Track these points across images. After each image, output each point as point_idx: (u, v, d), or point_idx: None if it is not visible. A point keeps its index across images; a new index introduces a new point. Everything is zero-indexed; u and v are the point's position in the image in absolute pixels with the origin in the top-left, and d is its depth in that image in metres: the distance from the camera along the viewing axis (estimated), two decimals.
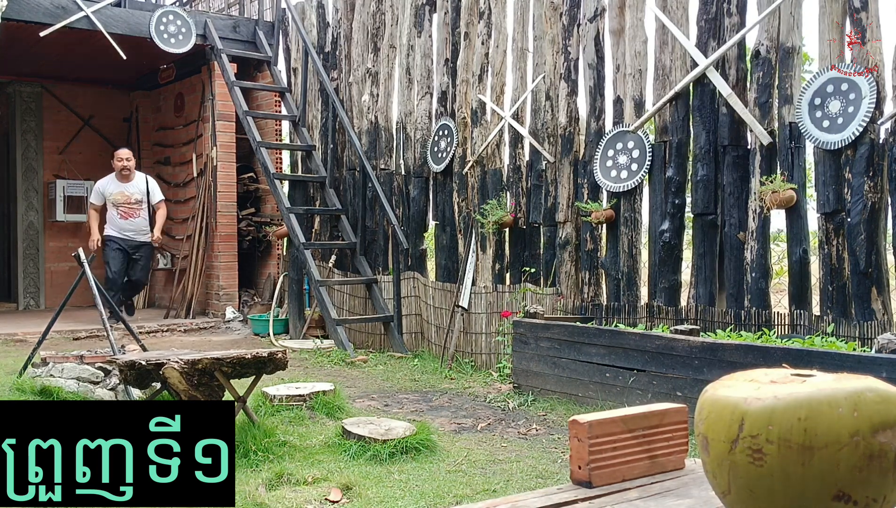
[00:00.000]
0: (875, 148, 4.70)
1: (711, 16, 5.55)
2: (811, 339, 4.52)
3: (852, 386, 0.92)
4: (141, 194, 8.72)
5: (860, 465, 0.89)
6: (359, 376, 6.49)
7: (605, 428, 1.21)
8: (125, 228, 8.66)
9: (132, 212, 8.68)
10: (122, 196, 8.64)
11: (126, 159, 8.68)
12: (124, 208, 8.65)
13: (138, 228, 8.72)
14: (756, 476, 0.92)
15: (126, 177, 8.68)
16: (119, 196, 8.64)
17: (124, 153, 8.75)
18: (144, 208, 8.77)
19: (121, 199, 8.64)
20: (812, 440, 0.89)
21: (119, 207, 8.64)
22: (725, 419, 0.95)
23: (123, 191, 8.64)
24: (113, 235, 8.62)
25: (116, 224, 8.65)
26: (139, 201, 8.70)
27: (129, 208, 8.67)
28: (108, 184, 8.68)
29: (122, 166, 8.63)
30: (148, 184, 8.85)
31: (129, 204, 8.65)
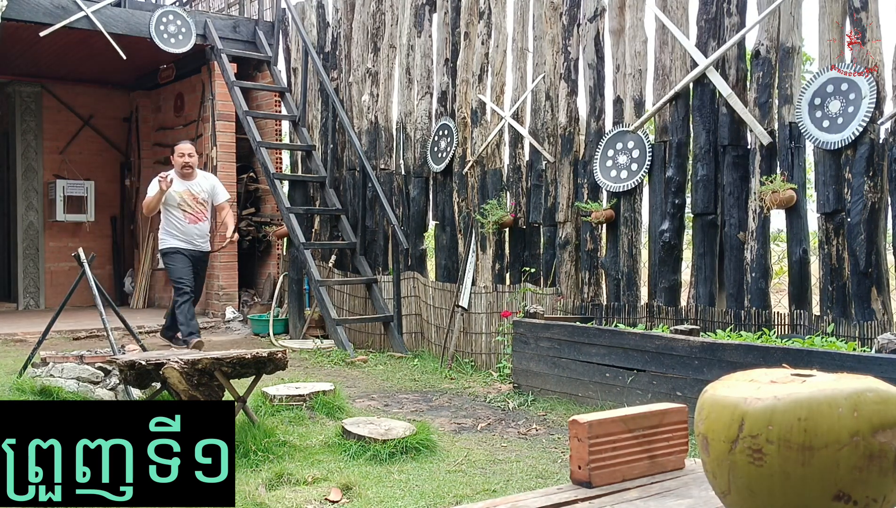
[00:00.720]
0: (875, 148, 4.70)
1: (711, 16, 5.55)
2: (811, 339, 4.52)
3: (852, 386, 0.92)
4: (207, 194, 7.34)
5: (860, 465, 0.89)
6: (359, 376, 6.49)
7: (605, 428, 1.21)
8: (192, 234, 7.20)
9: (199, 214, 7.26)
10: (189, 195, 7.19)
11: (188, 155, 7.22)
12: (191, 210, 7.20)
13: (204, 233, 7.35)
14: (756, 476, 0.92)
15: (189, 175, 7.25)
16: (186, 194, 7.17)
17: (187, 147, 7.29)
18: (209, 211, 7.43)
19: (188, 198, 7.20)
20: (812, 441, 0.89)
21: (185, 208, 7.17)
22: (725, 419, 0.95)
23: (190, 189, 7.19)
24: (178, 246, 7.13)
25: (182, 229, 7.14)
26: (205, 201, 7.34)
27: (197, 210, 7.26)
28: (173, 178, 7.16)
29: (185, 163, 7.19)
30: (212, 181, 7.56)
31: (196, 203, 7.25)
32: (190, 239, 7.16)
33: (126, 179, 11.68)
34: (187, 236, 7.14)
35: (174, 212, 7.10)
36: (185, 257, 7.11)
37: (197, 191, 7.22)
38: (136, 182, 11.50)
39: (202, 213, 7.26)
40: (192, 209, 7.19)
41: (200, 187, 7.28)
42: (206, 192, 7.31)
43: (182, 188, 7.15)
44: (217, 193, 7.41)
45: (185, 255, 7.12)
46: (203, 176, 7.43)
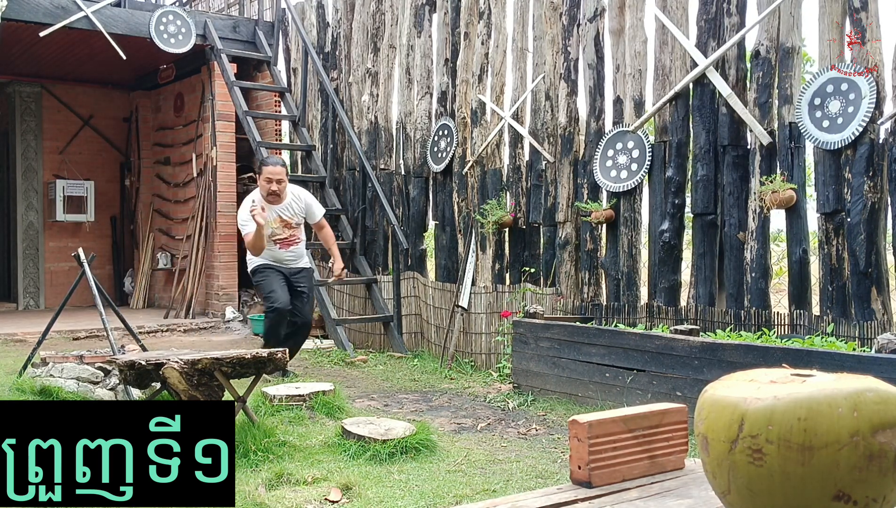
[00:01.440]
0: (875, 148, 4.70)
1: (711, 16, 5.55)
2: (811, 339, 4.52)
3: (852, 386, 0.92)
4: (300, 215, 6.15)
5: (860, 465, 0.89)
6: (359, 376, 6.49)
7: (605, 428, 1.21)
8: (285, 258, 6.11)
9: (293, 239, 6.10)
10: (280, 222, 6.02)
11: (277, 182, 5.89)
12: (283, 236, 6.07)
13: (299, 254, 6.21)
14: (756, 476, 0.92)
15: (277, 198, 5.99)
16: (276, 223, 6.01)
17: (278, 171, 5.92)
18: (303, 229, 6.29)
19: (278, 226, 6.05)
20: (812, 440, 0.89)
21: (277, 237, 6.03)
22: (725, 419, 0.95)
23: (280, 215, 6.00)
24: (269, 262, 6.05)
25: (274, 256, 6.06)
26: (299, 224, 6.16)
27: (291, 235, 6.10)
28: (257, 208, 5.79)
29: (271, 191, 5.90)
30: (305, 199, 6.28)
31: (290, 229, 6.08)
32: (282, 263, 6.06)
33: (126, 179, 11.68)
34: (279, 261, 6.04)
35: (267, 240, 5.89)
36: (278, 272, 6.00)
37: (289, 216, 6.00)
38: (136, 182, 11.51)
39: (295, 236, 6.09)
40: (285, 235, 6.02)
41: (292, 211, 6.02)
42: (299, 214, 6.11)
43: (271, 216, 5.89)
44: (312, 211, 6.21)
45: (278, 270, 6.01)
46: (294, 196, 6.09)
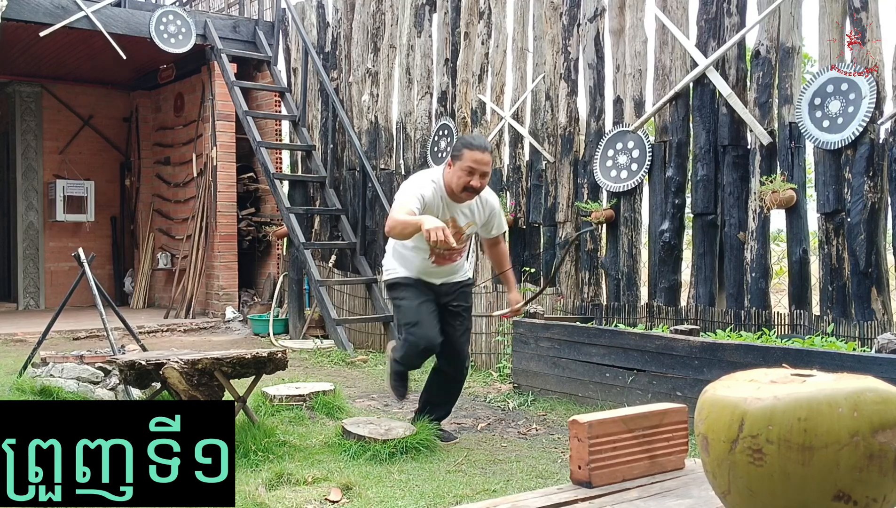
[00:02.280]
0: (875, 148, 4.70)
1: (711, 16, 5.55)
2: (811, 339, 4.51)
3: (852, 386, 0.92)
4: (477, 227, 4.29)
5: (860, 465, 0.89)
6: (359, 376, 6.49)
7: (605, 428, 1.21)
8: (435, 274, 4.25)
9: (454, 255, 4.24)
10: (452, 226, 4.03)
11: (481, 176, 3.98)
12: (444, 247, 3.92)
13: (456, 270, 4.34)
14: (756, 476, 0.92)
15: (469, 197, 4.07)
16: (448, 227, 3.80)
17: (487, 159, 4.01)
18: (470, 245, 4.62)
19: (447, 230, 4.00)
20: (812, 440, 0.89)
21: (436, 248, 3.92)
22: (725, 419, 0.95)
23: (455, 218, 4.11)
24: (416, 276, 4.24)
25: (421, 268, 4.23)
26: (470, 237, 4.38)
27: (454, 248, 4.09)
28: (433, 196, 4.01)
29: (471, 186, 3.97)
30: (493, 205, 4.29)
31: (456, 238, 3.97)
32: (431, 277, 4.23)
33: (126, 179, 11.68)
34: (423, 273, 4.22)
35: (416, 248, 4.11)
36: (427, 289, 4.19)
37: (464, 223, 4.13)
38: (136, 182, 11.51)
39: (459, 253, 4.26)
40: (445, 248, 3.83)
41: (471, 218, 4.15)
42: (478, 224, 4.22)
43: (446, 214, 4.03)
44: (497, 223, 4.32)
45: (427, 285, 4.20)
46: (482, 200, 4.16)
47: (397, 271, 4.22)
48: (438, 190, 3.94)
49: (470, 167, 3.86)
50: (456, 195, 3.96)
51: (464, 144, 3.94)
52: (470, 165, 3.86)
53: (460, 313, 4.25)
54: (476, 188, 3.90)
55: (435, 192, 3.92)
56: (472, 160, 3.88)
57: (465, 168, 3.86)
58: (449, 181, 3.93)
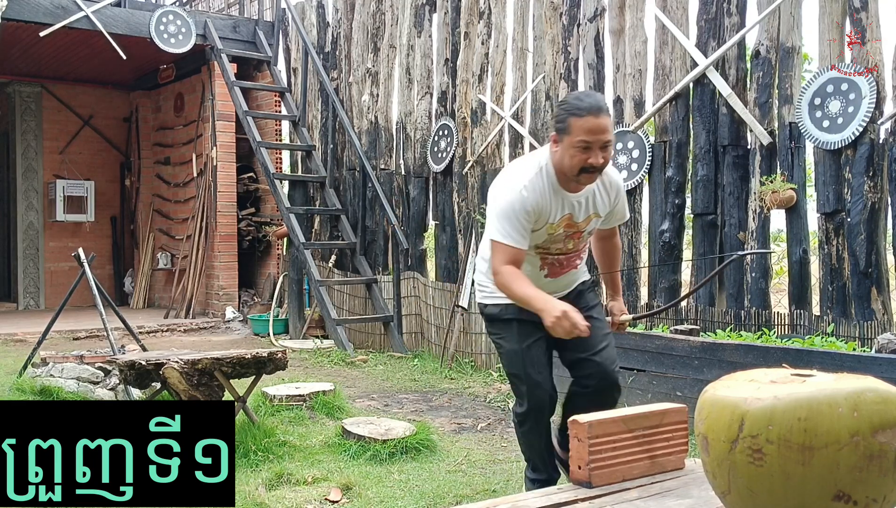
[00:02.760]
0: (875, 148, 4.70)
1: (711, 16, 5.54)
2: (811, 339, 4.51)
3: (852, 386, 0.92)
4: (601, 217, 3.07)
5: (860, 465, 0.89)
6: (359, 376, 6.49)
7: (605, 428, 1.21)
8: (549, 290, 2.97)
9: (573, 258, 3.13)
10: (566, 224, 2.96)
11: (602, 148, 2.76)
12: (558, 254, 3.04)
13: (574, 279, 3.20)
14: (756, 476, 0.92)
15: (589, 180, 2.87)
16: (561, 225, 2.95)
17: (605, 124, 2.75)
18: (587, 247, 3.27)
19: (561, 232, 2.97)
20: (812, 440, 0.89)
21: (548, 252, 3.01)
22: (725, 419, 0.95)
23: (572, 214, 2.95)
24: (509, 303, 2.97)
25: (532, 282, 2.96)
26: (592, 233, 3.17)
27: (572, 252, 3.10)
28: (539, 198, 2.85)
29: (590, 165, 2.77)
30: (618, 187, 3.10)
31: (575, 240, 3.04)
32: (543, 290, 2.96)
33: (126, 179, 11.68)
34: None
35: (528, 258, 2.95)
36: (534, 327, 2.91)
37: (583, 218, 2.98)
38: (136, 182, 11.51)
39: (578, 255, 3.13)
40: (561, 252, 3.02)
41: (593, 208, 3.00)
42: (602, 215, 3.06)
43: (555, 214, 2.91)
44: (616, 211, 3.14)
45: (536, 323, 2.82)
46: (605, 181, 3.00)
47: (495, 295, 2.97)
48: (546, 184, 2.82)
49: (583, 141, 2.71)
50: (570, 182, 2.81)
51: (568, 110, 2.74)
52: (583, 138, 2.70)
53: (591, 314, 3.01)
54: (597, 167, 2.74)
55: (543, 190, 2.80)
56: (584, 131, 2.70)
57: (576, 144, 2.72)
58: (559, 165, 2.78)
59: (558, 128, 2.77)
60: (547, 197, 2.82)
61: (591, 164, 2.72)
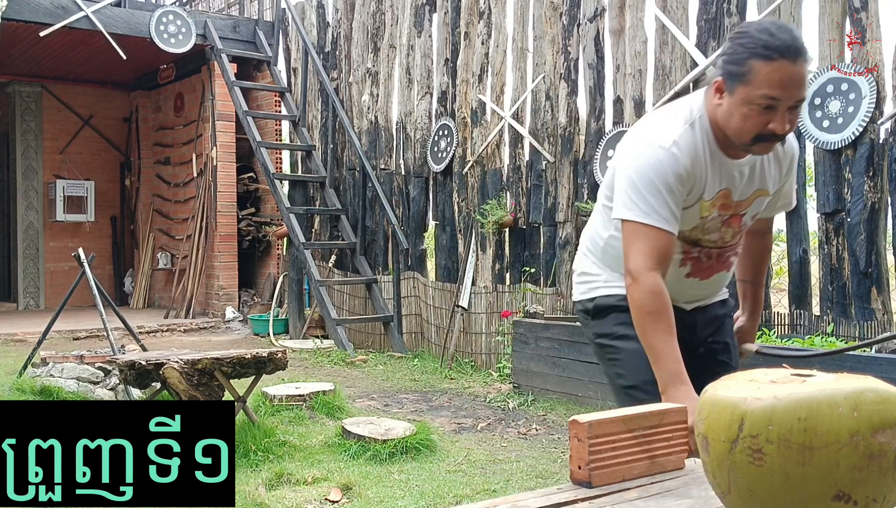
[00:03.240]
0: (875, 148, 4.70)
1: (711, 16, 5.55)
2: (811, 339, 4.51)
3: (852, 386, 0.92)
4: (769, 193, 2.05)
5: (860, 465, 0.89)
6: (359, 376, 6.49)
7: (605, 428, 1.21)
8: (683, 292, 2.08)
9: (728, 253, 2.08)
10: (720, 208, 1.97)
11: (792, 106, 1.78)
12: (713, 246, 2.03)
13: (720, 284, 2.16)
14: (756, 476, 0.92)
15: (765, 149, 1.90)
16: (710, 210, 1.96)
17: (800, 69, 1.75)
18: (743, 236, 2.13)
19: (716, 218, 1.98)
20: (812, 440, 0.89)
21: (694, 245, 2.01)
22: (725, 419, 0.95)
23: (730, 190, 1.96)
24: None
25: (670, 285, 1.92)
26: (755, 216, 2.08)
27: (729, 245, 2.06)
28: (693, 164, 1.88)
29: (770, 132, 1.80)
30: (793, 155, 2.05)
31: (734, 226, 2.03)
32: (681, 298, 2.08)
33: (126, 179, 11.69)
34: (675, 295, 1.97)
35: None
36: None
37: (748, 194, 2.01)
38: (136, 182, 11.51)
39: (734, 249, 2.11)
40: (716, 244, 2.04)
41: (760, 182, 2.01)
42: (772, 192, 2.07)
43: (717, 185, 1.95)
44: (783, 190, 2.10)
45: None
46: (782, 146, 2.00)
47: (610, 283, 2.12)
48: (702, 143, 1.91)
49: (768, 97, 1.77)
50: (734, 147, 1.91)
51: (751, 47, 1.78)
52: (767, 92, 1.77)
53: (728, 360, 2.23)
54: (780, 135, 1.83)
55: (698, 151, 1.90)
56: (773, 83, 1.76)
57: (758, 98, 1.78)
58: (725, 122, 1.86)
59: (730, 72, 1.82)
60: (703, 161, 1.90)
61: (773, 130, 1.80)
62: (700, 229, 1.96)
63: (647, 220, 1.84)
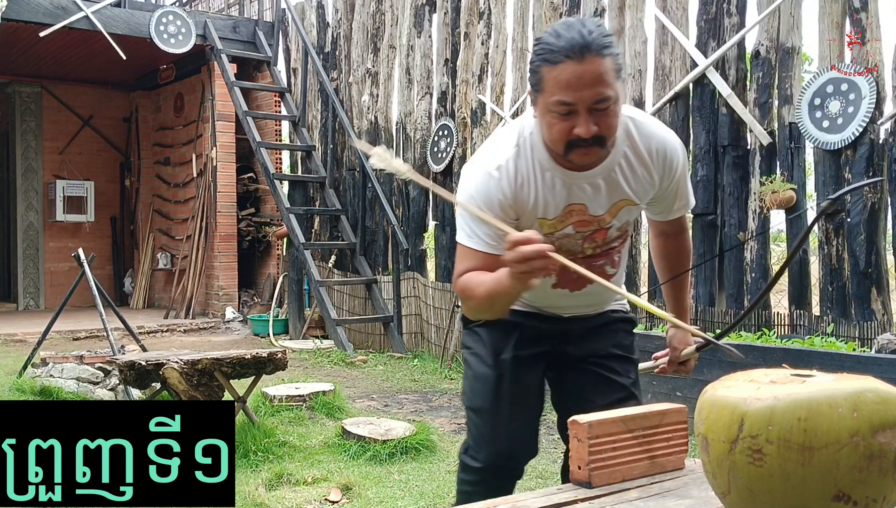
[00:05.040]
0: (875, 148, 4.70)
1: (711, 16, 5.55)
2: (811, 339, 4.51)
3: (852, 386, 0.92)
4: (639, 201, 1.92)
5: (860, 465, 0.89)
6: (359, 376, 6.49)
7: (605, 428, 1.21)
8: (560, 305, 2.02)
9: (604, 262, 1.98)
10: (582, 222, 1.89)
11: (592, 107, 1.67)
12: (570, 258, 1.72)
13: (599, 301, 2.07)
14: (756, 476, 0.92)
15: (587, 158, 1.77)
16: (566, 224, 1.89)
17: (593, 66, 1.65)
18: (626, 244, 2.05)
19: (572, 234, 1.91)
20: (812, 441, 0.89)
21: None
22: (725, 419, 0.95)
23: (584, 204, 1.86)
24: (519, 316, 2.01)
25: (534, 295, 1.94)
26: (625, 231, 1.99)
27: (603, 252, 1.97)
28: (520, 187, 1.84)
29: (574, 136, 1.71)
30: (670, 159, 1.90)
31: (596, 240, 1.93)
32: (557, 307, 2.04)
33: (126, 179, 11.69)
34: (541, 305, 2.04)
35: None
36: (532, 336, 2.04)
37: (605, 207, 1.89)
38: (136, 182, 11.51)
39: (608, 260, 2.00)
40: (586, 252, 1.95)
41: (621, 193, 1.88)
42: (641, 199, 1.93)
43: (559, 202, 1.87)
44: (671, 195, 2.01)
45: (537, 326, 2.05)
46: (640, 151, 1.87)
47: None
48: (531, 162, 1.86)
49: (561, 103, 1.70)
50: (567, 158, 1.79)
51: (540, 54, 1.73)
52: (560, 98, 1.70)
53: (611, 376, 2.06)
54: (588, 140, 1.72)
55: (526, 171, 1.86)
56: (561, 86, 1.69)
57: (552, 106, 1.72)
58: (544, 136, 1.82)
59: (531, 82, 1.78)
60: (532, 180, 1.85)
61: (578, 135, 1.70)
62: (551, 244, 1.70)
63: (470, 243, 1.86)
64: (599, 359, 2.04)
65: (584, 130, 1.69)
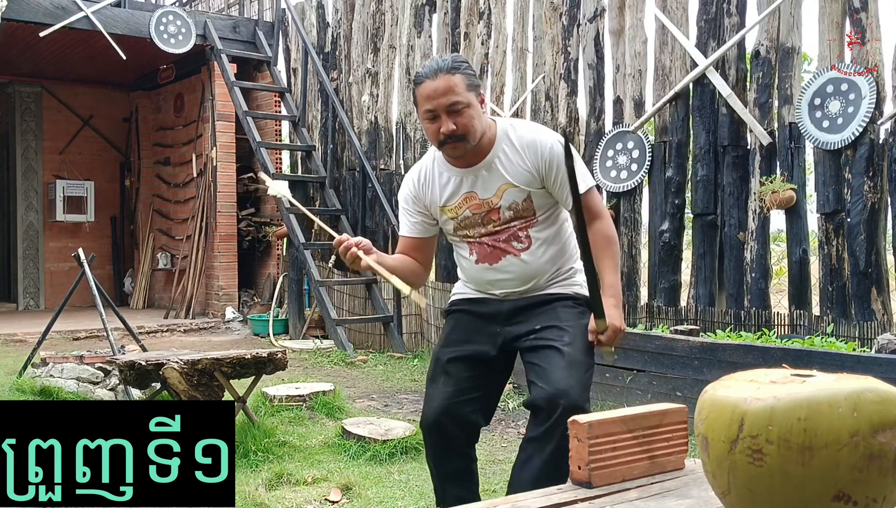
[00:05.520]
0: (875, 148, 4.70)
1: (711, 16, 5.55)
2: (811, 339, 4.51)
3: (852, 386, 0.92)
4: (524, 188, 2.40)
5: (860, 465, 0.89)
6: (359, 376, 6.49)
7: (605, 428, 1.21)
8: (488, 281, 2.51)
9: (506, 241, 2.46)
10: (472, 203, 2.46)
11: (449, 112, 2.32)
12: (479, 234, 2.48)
13: (523, 275, 2.45)
14: (756, 476, 0.92)
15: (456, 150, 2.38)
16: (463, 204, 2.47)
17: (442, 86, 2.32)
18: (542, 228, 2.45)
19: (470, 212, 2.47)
20: (812, 441, 0.89)
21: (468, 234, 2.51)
22: (725, 419, 0.95)
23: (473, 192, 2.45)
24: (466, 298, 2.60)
25: (471, 274, 2.56)
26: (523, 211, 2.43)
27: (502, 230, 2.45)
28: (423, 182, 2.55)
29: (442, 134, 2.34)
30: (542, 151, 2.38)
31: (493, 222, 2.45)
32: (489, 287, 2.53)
33: (126, 179, 11.69)
34: (484, 285, 2.55)
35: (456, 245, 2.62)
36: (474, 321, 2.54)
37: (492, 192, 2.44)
38: (136, 182, 11.51)
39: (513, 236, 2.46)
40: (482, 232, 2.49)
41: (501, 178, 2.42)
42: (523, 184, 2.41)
43: (456, 192, 2.49)
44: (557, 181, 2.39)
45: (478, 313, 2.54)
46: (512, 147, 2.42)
47: (455, 289, 2.66)
48: (431, 164, 2.50)
49: (426, 112, 2.33)
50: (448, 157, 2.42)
51: (414, 81, 2.40)
52: (425, 108, 2.32)
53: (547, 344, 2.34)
54: (452, 135, 2.30)
55: (427, 172, 2.50)
56: (424, 99, 2.32)
57: (423, 115, 2.36)
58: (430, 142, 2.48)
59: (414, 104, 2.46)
60: (430, 178, 2.49)
61: (444, 133, 2.31)
62: (461, 226, 2.48)
63: (400, 231, 2.61)
64: (536, 333, 2.41)
65: (445, 128, 2.31)
